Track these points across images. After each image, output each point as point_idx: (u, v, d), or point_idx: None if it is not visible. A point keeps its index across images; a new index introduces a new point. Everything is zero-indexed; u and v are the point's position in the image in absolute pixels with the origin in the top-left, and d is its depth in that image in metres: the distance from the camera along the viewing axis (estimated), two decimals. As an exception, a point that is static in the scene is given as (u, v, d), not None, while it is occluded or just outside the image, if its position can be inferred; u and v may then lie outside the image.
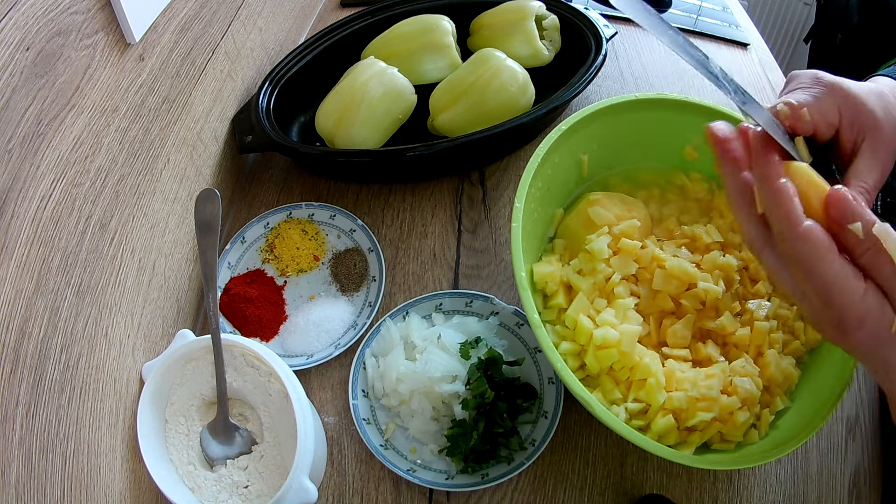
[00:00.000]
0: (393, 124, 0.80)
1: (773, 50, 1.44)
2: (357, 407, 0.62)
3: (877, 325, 0.38)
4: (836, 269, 0.38)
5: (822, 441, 0.62)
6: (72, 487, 0.46)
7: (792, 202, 0.39)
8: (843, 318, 0.38)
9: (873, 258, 0.37)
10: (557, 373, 0.51)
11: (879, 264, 0.37)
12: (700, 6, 1.11)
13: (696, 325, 0.60)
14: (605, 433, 0.62)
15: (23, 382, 0.42)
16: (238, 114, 0.80)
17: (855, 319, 0.38)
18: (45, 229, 0.45)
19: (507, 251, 0.74)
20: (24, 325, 0.42)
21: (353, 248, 0.74)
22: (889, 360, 0.39)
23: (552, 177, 0.65)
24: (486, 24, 0.90)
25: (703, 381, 0.55)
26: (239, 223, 0.77)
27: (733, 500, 0.58)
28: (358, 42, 0.90)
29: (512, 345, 0.65)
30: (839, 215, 0.38)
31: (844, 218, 0.38)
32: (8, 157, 0.41)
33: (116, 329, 0.54)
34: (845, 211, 0.38)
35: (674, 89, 0.95)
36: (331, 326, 0.68)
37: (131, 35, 0.54)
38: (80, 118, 0.49)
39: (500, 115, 0.77)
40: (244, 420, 0.56)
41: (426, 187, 0.81)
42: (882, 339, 0.38)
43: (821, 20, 1.48)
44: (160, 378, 0.54)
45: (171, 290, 0.65)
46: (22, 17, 0.42)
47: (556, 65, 0.89)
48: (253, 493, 0.52)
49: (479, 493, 0.59)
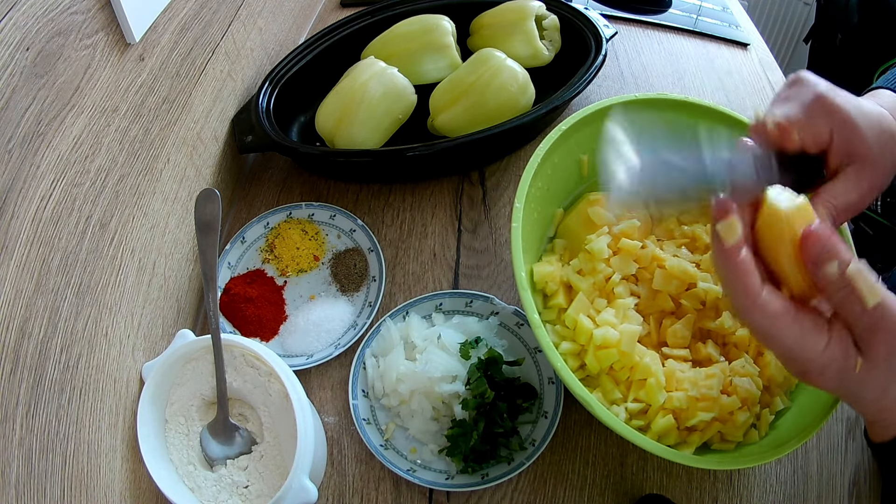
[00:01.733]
0: (393, 124, 0.80)
1: (773, 50, 1.44)
2: (357, 407, 0.62)
3: (840, 371, 0.40)
4: (794, 335, 0.39)
5: (822, 441, 0.62)
6: (72, 487, 0.46)
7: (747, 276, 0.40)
8: (806, 369, 0.41)
9: (845, 298, 0.38)
10: (557, 373, 0.51)
11: (850, 304, 0.38)
12: (700, 6, 1.11)
13: (696, 325, 0.60)
14: (605, 433, 0.62)
15: (23, 382, 0.42)
16: (238, 114, 0.80)
17: (817, 369, 0.40)
18: (45, 229, 0.45)
19: (507, 251, 0.74)
20: (24, 325, 0.42)
21: (353, 248, 0.74)
22: (858, 395, 0.41)
23: (552, 177, 0.65)
24: (486, 24, 0.90)
25: (703, 381, 0.55)
26: (239, 223, 0.77)
27: (733, 500, 0.58)
28: (358, 42, 0.90)
29: (512, 345, 0.65)
30: (815, 256, 0.39)
31: (820, 258, 0.39)
32: (8, 157, 0.41)
33: (116, 329, 0.54)
34: (821, 252, 0.39)
35: (674, 89, 0.95)
36: (331, 326, 0.68)
37: (131, 35, 0.54)
38: (80, 118, 0.49)
39: (500, 115, 0.77)
40: (244, 420, 0.56)
41: (426, 187, 0.81)
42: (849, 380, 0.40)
43: (821, 20, 1.48)
44: (160, 378, 0.54)
45: (171, 290, 0.65)
46: (22, 17, 0.42)
47: (556, 65, 0.89)
48: (253, 493, 0.52)
49: (479, 493, 0.59)
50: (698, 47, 1.03)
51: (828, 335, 0.40)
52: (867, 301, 0.38)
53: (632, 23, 1.07)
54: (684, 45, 1.03)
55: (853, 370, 0.39)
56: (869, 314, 0.38)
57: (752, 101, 0.93)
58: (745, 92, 0.95)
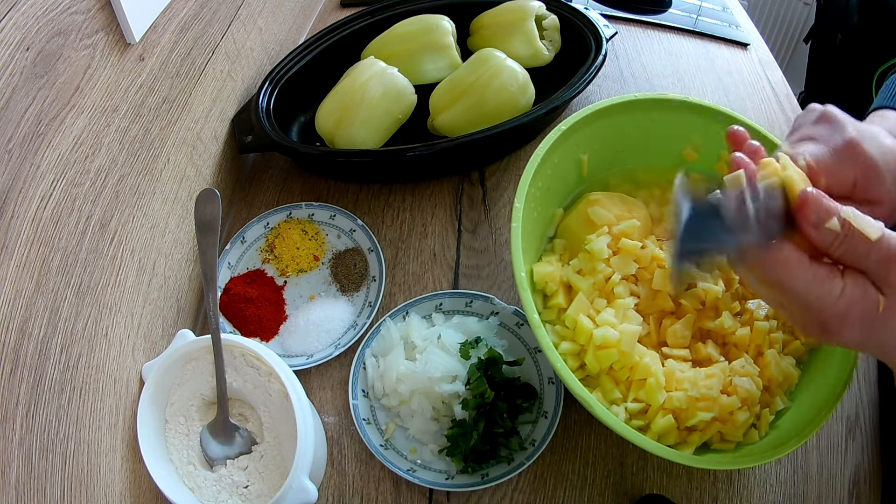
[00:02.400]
0: (393, 124, 0.80)
1: (773, 50, 1.44)
2: (357, 407, 0.62)
3: (862, 315, 0.38)
4: (808, 279, 0.39)
5: (822, 441, 0.62)
6: (72, 487, 0.46)
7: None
8: (825, 319, 0.39)
9: (849, 243, 0.38)
10: (557, 373, 0.51)
11: (855, 247, 0.38)
12: (700, 6, 1.11)
13: (696, 324, 0.60)
14: (605, 433, 0.62)
15: (23, 382, 0.42)
16: (238, 114, 0.80)
17: (837, 318, 0.39)
18: (45, 229, 0.45)
19: (507, 251, 0.74)
20: (24, 325, 0.42)
21: (353, 248, 0.74)
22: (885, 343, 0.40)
23: (552, 177, 0.65)
24: (486, 24, 0.90)
25: (703, 380, 0.55)
26: (239, 223, 0.77)
27: (733, 500, 0.58)
28: (358, 42, 0.89)
29: (512, 345, 0.65)
30: (814, 217, 0.38)
31: (819, 218, 0.38)
32: (8, 157, 0.41)
33: (116, 329, 0.54)
34: (819, 211, 0.38)
35: (674, 89, 0.95)
36: (331, 326, 0.68)
37: (131, 35, 0.54)
38: (80, 118, 0.49)
39: (500, 115, 0.77)
40: (244, 420, 0.56)
41: (426, 187, 0.81)
42: (872, 326, 0.39)
43: (821, 20, 1.48)
44: (160, 378, 0.54)
45: (171, 290, 0.65)
46: (22, 17, 0.42)
47: (556, 65, 0.89)
48: (253, 493, 0.52)
49: (479, 493, 0.59)
50: (698, 47, 1.03)
51: (842, 280, 0.39)
52: (870, 235, 0.37)
53: (632, 23, 1.07)
54: (684, 45, 1.03)
55: (876, 311, 0.38)
56: (877, 248, 0.37)
57: (752, 101, 0.94)
58: (744, 92, 0.95)
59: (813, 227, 0.38)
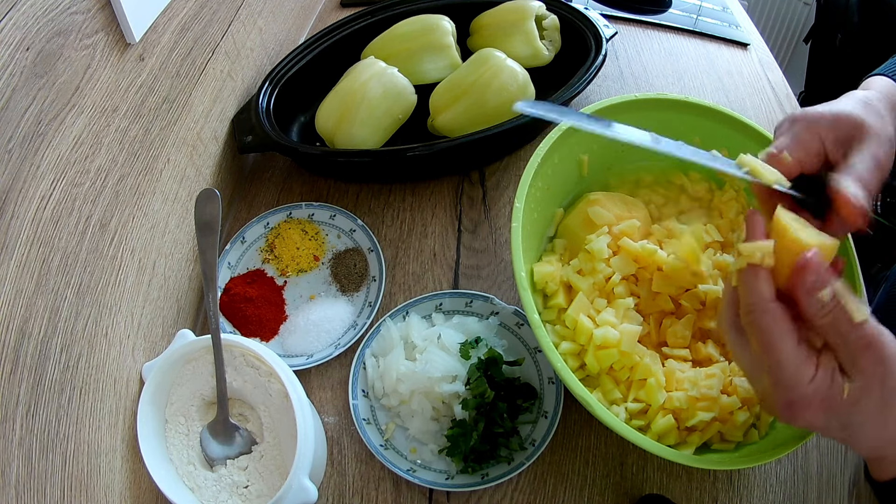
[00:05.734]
0: (393, 124, 0.80)
1: (773, 50, 1.44)
2: (357, 407, 0.62)
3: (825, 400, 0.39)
4: (790, 351, 0.39)
5: (822, 441, 0.62)
6: (72, 487, 0.46)
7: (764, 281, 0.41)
8: (792, 399, 0.40)
9: (834, 318, 0.39)
10: (557, 373, 0.51)
11: (838, 323, 0.39)
12: (700, 6, 1.11)
13: (696, 325, 0.60)
14: (605, 433, 0.62)
15: (23, 382, 0.42)
16: (238, 114, 0.80)
17: (803, 399, 0.40)
18: (45, 229, 0.45)
19: (507, 251, 0.74)
20: (24, 325, 0.42)
21: (353, 248, 0.74)
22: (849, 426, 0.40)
23: (552, 177, 0.65)
24: (486, 24, 0.90)
25: (703, 380, 0.55)
26: (239, 223, 0.77)
27: (733, 500, 0.58)
28: (358, 42, 0.90)
29: (512, 345, 0.65)
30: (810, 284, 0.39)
31: (814, 286, 0.39)
32: (8, 157, 0.41)
33: (116, 329, 0.54)
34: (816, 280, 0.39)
35: (674, 89, 0.95)
36: (331, 326, 0.68)
37: (131, 35, 0.54)
38: (80, 118, 0.49)
39: (500, 115, 0.77)
40: (244, 420, 0.56)
41: (426, 187, 0.81)
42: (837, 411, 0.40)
43: (821, 20, 1.48)
44: (160, 378, 0.54)
45: (171, 290, 0.65)
46: (22, 17, 0.42)
47: (556, 65, 0.89)
48: (253, 493, 0.52)
49: (479, 493, 0.59)
50: (698, 47, 1.03)
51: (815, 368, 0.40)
52: (855, 317, 0.38)
53: (632, 23, 1.07)
54: (684, 45, 1.03)
55: (839, 397, 0.39)
56: (857, 330, 0.38)
57: (752, 101, 0.94)
58: (744, 92, 0.95)
59: (806, 292, 0.39)
